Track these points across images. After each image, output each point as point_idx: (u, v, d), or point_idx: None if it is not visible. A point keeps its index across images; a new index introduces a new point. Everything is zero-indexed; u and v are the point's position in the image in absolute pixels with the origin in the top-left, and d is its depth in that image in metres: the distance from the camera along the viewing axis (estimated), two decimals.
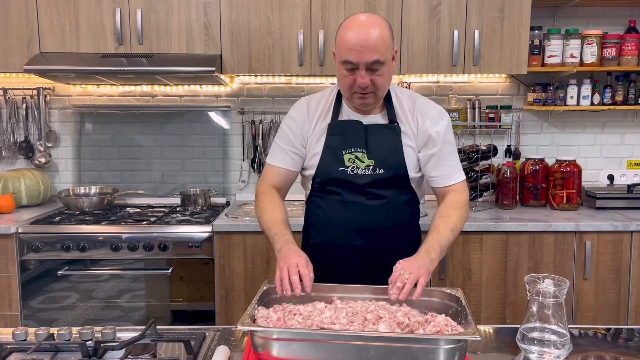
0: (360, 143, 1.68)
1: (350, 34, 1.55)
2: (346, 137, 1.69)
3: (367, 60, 1.54)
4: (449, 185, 1.72)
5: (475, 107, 3.12)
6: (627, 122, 3.21)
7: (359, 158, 1.68)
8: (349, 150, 1.68)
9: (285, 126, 1.77)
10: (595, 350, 1.37)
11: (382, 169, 1.67)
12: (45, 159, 3.16)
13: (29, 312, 2.61)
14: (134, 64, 2.70)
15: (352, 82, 1.59)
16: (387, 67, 1.60)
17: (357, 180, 1.67)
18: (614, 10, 3.09)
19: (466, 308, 1.31)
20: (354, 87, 1.60)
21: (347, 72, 1.59)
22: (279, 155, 1.77)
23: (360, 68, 1.56)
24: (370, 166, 1.67)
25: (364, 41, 1.53)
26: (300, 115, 1.76)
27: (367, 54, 1.53)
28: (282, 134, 1.78)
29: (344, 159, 1.68)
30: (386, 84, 1.65)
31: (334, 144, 1.69)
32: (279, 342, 1.19)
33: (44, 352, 1.26)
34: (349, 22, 1.60)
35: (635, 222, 2.60)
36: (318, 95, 1.80)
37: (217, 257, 2.61)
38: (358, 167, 1.67)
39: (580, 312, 2.64)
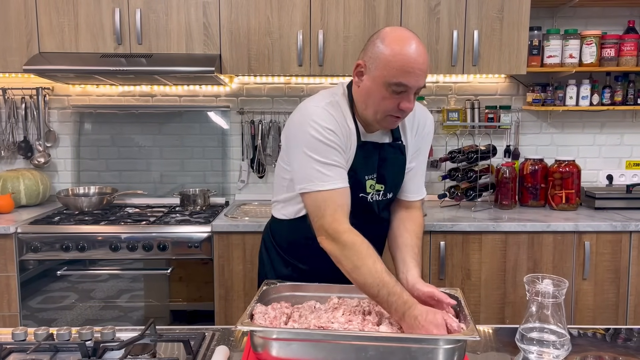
0: (375, 168, 1.55)
1: (408, 53, 1.37)
2: (367, 161, 1.53)
3: (420, 84, 1.41)
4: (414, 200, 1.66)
5: (475, 107, 3.12)
6: (626, 123, 3.21)
7: (375, 183, 1.57)
8: (371, 175, 1.55)
9: (323, 138, 1.42)
10: (594, 350, 1.38)
11: (391, 193, 1.61)
12: (44, 159, 3.16)
13: (28, 312, 2.61)
14: (133, 64, 2.70)
15: (395, 105, 1.41)
16: None
17: (373, 207, 1.58)
18: (613, 10, 3.09)
19: (465, 308, 1.31)
20: (394, 110, 1.43)
21: (392, 95, 1.40)
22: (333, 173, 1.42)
23: (411, 92, 1.41)
24: (381, 191, 1.58)
25: (422, 64, 1.39)
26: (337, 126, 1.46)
27: (422, 78, 1.41)
28: (320, 148, 1.42)
29: (365, 185, 1.54)
30: None
31: (357, 168, 1.51)
32: (278, 342, 1.19)
33: (44, 352, 1.26)
34: (399, 39, 1.39)
35: (634, 222, 2.60)
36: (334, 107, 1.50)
37: (217, 257, 2.61)
38: (376, 192, 1.57)
39: (579, 312, 2.64)
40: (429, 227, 2.58)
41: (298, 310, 1.36)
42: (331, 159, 1.43)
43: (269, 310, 1.33)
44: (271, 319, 1.30)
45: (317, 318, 1.30)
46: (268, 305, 1.39)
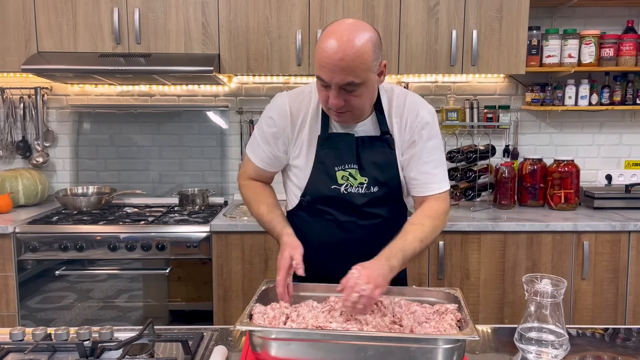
0: (352, 159, 1.54)
1: (325, 48, 1.36)
2: (338, 152, 1.54)
3: (338, 81, 1.37)
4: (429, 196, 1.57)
5: (474, 107, 3.12)
6: (625, 122, 3.21)
7: (352, 175, 1.54)
8: (342, 167, 1.54)
9: (265, 125, 1.60)
10: (592, 350, 1.38)
11: (376, 187, 1.55)
12: (42, 158, 3.16)
13: (26, 312, 2.60)
14: (132, 64, 2.70)
15: (326, 97, 1.44)
16: (367, 87, 1.42)
17: (351, 199, 1.55)
18: (612, 10, 3.09)
19: (465, 308, 1.31)
20: (328, 103, 1.44)
21: (321, 88, 1.44)
22: (258, 152, 1.64)
23: (333, 88, 1.39)
24: (364, 184, 1.54)
25: (338, 60, 1.34)
26: (282, 119, 1.57)
27: (339, 74, 1.36)
28: (261, 131, 1.62)
29: (336, 176, 1.54)
30: (365, 104, 1.47)
31: (325, 160, 1.55)
32: (277, 341, 1.19)
33: (42, 352, 1.26)
34: (329, 32, 1.39)
35: (633, 222, 2.60)
36: (299, 97, 1.59)
37: (215, 257, 2.60)
38: (351, 185, 1.54)
39: (578, 312, 2.64)
40: None
41: (296, 310, 1.35)
42: (262, 142, 1.62)
43: (268, 310, 1.32)
44: (270, 318, 1.29)
45: (314, 318, 1.30)
46: (267, 305, 1.39)
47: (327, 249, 1.58)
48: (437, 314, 1.33)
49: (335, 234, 1.58)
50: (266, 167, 1.66)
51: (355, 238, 1.58)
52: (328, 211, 1.57)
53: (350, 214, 1.57)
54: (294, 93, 1.61)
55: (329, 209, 1.57)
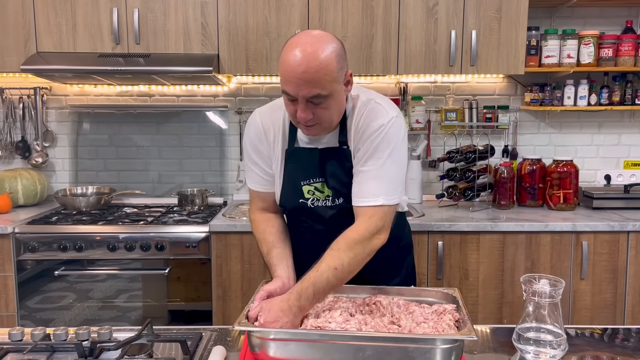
0: (316, 172, 1.53)
1: (287, 61, 1.34)
2: (302, 166, 1.54)
3: (305, 94, 1.35)
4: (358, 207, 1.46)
5: (473, 107, 3.12)
6: (624, 123, 3.21)
7: (319, 189, 1.54)
8: (307, 181, 1.54)
9: (248, 148, 1.62)
10: (591, 350, 1.38)
11: (341, 199, 1.52)
12: (42, 158, 3.16)
13: (25, 312, 2.60)
14: (131, 64, 2.70)
15: (294, 111, 1.40)
16: (334, 98, 1.39)
17: (318, 212, 1.55)
18: (611, 10, 3.10)
19: (463, 308, 1.31)
20: (296, 117, 1.41)
21: (288, 102, 1.41)
22: (253, 178, 1.64)
23: (300, 101, 1.37)
24: (330, 196, 1.53)
25: (302, 73, 1.32)
26: (258, 138, 1.58)
27: (305, 87, 1.33)
28: (247, 157, 1.63)
29: (302, 190, 1.55)
30: (333, 115, 1.44)
31: (292, 174, 1.56)
32: (275, 342, 1.19)
33: (40, 352, 1.26)
34: (291, 44, 1.36)
35: (632, 222, 2.60)
36: (269, 112, 1.60)
37: (214, 257, 2.60)
38: (318, 198, 1.54)
39: (577, 312, 2.64)
40: (427, 227, 2.58)
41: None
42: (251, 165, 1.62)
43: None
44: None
45: (314, 318, 1.30)
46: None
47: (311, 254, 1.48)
48: (435, 314, 1.34)
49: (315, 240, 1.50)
50: (265, 189, 1.63)
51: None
52: (304, 220, 1.60)
53: (325, 226, 1.56)
54: (265, 108, 1.63)
55: (304, 218, 1.60)
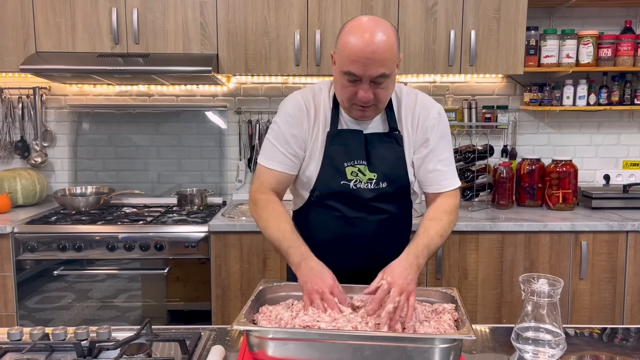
0: (361, 155, 1.56)
1: (355, 42, 1.39)
2: (347, 148, 1.56)
3: (372, 74, 1.40)
4: (443, 192, 1.60)
5: (472, 107, 3.12)
6: (623, 123, 3.22)
7: (362, 171, 1.55)
8: (352, 162, 1.55)
9: (283, 124, 1.58)
10: (590, 350, 1.38)
11: (385, 183, 1.56)
12: (41, 158, 3.16)
13: (25, 312, 2.60)
14: (131, 64, 2.70)
15: (353, 93, 1.45)
16: (392, 78, 1.46)
17: (359, 195, 1.56)
18: (609, 10, 3.10)
19: (461, 308, 1.31)
20: (354, 99, 1.46)
21: (348, 83, 1.44)
22: (276, 157, 1.58)
23: (364, 82, 1.42)
24: (373, 180, 1.56)
25: (371, 53, 1.38)
26: (299, 115, 1.58)
27: (372, 67, 1.39)
28: (278, 133, 1.58)
29: (346, 172, 1.55)
30: (389, 96, 1.52)
31: (334, 156, 1.56)
32: (274, 341, 1.19)
33: (39, 351, 1.26)
34: (353, 27, 1.42)
35: (631, 222, 2.60)
36: (311, 94, 1.61)
37: (214, 257, 2.60)
38: (361, 180, 1.56)
39: (575, 312, 2.65)
40: None
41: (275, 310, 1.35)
42: (280, 144, 1.57)
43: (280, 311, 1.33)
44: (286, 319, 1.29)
45: (299, 317, 1.29)
46: (263, 305, 1.39)
47: (335, 245, 1.59)
48: (434, 313, 1.34)
49: (343, 229, 1.59)
50: (287, 170, 1.59)
51: (363, 234, 1.59)
52: (336, 207, 1.59)
53: (359, 209, 1.58)
54: (306, 91, 1.63)
55: (338, 205, 1.58)
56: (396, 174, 1.58)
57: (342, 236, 1.60)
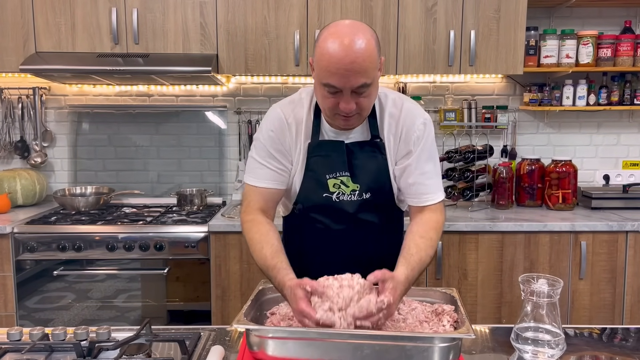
0: (343, 166, 1.51)
1: (332, 53, 1.30)
2: (328, 160, 1.51)
3: (352, 85, 1.32)
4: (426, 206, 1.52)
5: (472, 107, 3.13)
6: (622, 123, 3.22)
7: (344, 183, 1.51)
8: (334, 174, 1.51)
9: (265, 140, 1.53)
10: (590, 350, 1.38)
11: (368, 194, 1.52)
12: (41, 158, 3.16)
13: (24, 312, 2.60)
14: (130, 64, 2.70)
15: (334, 104, 1.38)
16: (375, 85, 1.39)
17: (343, 207, 1.52)
18: (609, 10, 3.10)
19: (461, 308, 1.31)
20: (336, 109, 1.39)
21: (328, 95, 1.37)
22: (262, 173, 1.52)
23: (345, 93, 1.34)
24: (356, 191, 1.51)
25: (350, 63, 1.29)
26: (280, 128, 1.53)
27: (353, 78, 1.31)
28: (261, 149, 1.53)
29: (328, 184, 1.51)
30: (372, 103, 1.45)
31: (316, 168, 1.51)
32: (274, 340, 1.19)
33: (39, 352, 1.26)
34: (331, 35, 1.33)
35: (631, 222, 2.60)
36: (291, 105, 1.56)
37: (213, 257, 2.60)
38: (344, 192, 1.51)
39: (575, 312, 2.65)
40: None
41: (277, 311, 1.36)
42: (265, 160, 1.52)
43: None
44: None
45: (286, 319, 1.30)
46: (264, 305, 1.39)
47: (322, 256, 1.56)
48: (434, 314, 1.34)
49: (328, 242, 1.56)
50: (275, 185, 1.53)
51: (350, 246, 1.56)
52: (320, 219, 1.55)
53: (343, 222, 1.54)
54: (286, 102, 1.58)
55: (321, 218, 1.55)
56: (380, 183, 1.53)
57: (327, 248, 1.56)
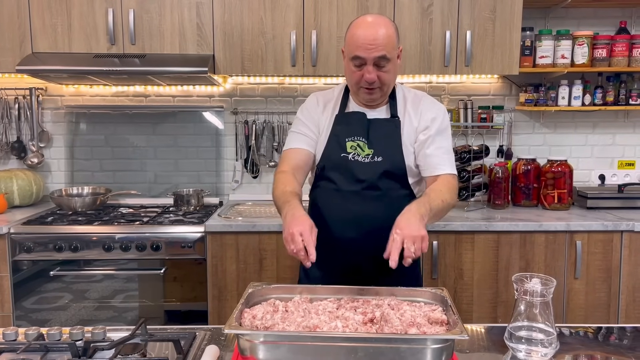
0: (362, 133, 1.77)
1: (359, 32, 1.68)
2: (350, 127, 1.79)
3: (374, 55, 1.66)
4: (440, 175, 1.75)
5: (468, 108, 3.13)
6: (618, 123, 3.23)
7: (360, 146, 1.76)
8: (352, 138, 1.77)
9: (300, 115, 1.87)
10: (584, 349, 1.39)
11: (380, 157, 1.74)
12: (37, 159, 3.16)
13: (21, 313, 2.60)
14: (127, 64, 2.70)
15: (359, 77, 1.71)
16: (393, 64, 1.71)
17: (356, 167, 1.75)
18: (604, 11, 3.11)
19: (452, 308, 1.31)
20: (361, 82, 1.71)
21: (355, 68, 1.71)
22: (295, 138, 1.84)
23: (368, 63, 1.68)
24: (370, 155, 1.75)
25: (373, 39, 1.65)
26: (313, 106, 1.87)
27: (374, 50, 1.65)
28: (297, 122, 1.88)
29: (346, 145, 1.77)
30: (392, 80, 1.76)
31: (338, 133, 1.79)
32: (265, 344, 1.18)
33: (34, 352, 1.27)
34: (359, 22, 1.72)
35: (626, 222, 2.62)
36: (327, 92, 1.92)
37: (210, 257, 2.61)
38: (359, 154, 1.76)
39: (570, 312, 2.66)
40: None
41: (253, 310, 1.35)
42: (297, 128, 1.86)
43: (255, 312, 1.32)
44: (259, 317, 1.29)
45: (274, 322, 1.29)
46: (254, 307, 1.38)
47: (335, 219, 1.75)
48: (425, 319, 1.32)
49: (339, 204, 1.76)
50: (304, 146, 1.82)
51: (358, 208, 1.74)
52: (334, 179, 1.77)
53: (354, 183, 1.74)
54: (322, 91, 1.94)
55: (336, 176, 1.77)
56: (392, 151, 1.76)
57: (339, 210, 1.75)
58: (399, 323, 1.25)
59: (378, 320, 1.29)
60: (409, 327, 1.25)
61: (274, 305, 1.36)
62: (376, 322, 1.29)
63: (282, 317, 1.29)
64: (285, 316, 1.30)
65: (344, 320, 1.27)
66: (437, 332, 1.24)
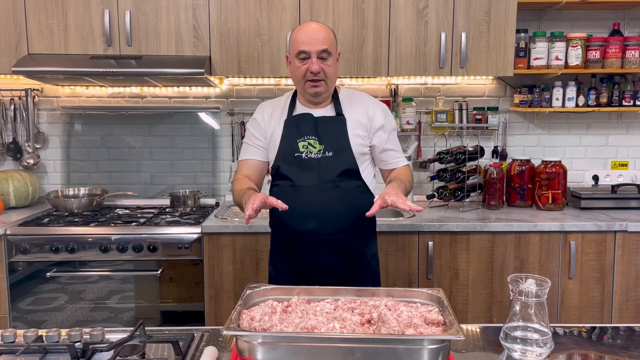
0: (311, 131, 1.93)
1: (303, 31, 1.90)
2: (299, 128, 1.94)
3: (317, 49, 1.86)
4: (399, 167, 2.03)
5: (463, 109, 3.15)
6: (611, 124, 3.26)
7: (312, 144, 1.92)
8: (302, 138, 1.92)
9: (250, 127, 2.05)
10: (578, 349, 1.40)
11: (331, 152, 1.91)
12: (33, 160, 3.15)
13: (17, 314, 2.60)
14: (123, 66, 2.70)
15: (305, 70, 1.88)
16: (334, 59, 1.92)
17: (310, 163, 1.90)
18: (598, 13, 3.13)
19: (448, 308, 1.32)
20: (307, 74, 1.88)
21: (300, 63, 1.88)
22: (247, 150, 2.04)
23: (312, 56, 1.86)
24: (321, 150, 1.91)
25: (315, 36, 1.87)
26: (259, 117, 2.03)
27: (317, 44, 1.86)
28: (247, 134, 2.06)
29: (298, 146, 1.92)
30: (334, 74, 1.94)
31: (289, 136, 1.94)
32: (264, 346, 1.19)
33: (33, 353, 1.27)
34: (301, 26, 1.96)
35: (619, 222, 2.64)
36: (275, 100, 2.09)
37: (207, 258, 2.62)
38: (311, 152, 1.91)
39: (565, 311, 2.68)
40: (417, 227, 2.61)
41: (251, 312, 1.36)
42: (249, 140, 2.04)
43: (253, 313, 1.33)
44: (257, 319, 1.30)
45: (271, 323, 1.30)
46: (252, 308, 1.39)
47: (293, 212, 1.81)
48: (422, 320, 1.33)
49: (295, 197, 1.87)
50: (256, 157, 2.01)
51: (313, 202, 1.88)
52: (289, 176, 1.92)
53: (309, 178, 1.89)
54: (272, 101, 2.11)
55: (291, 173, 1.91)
56: (341, 145, 1.92)
57: (296, 204, 1.83)
58: (396, 324, 1.27)
59: (375, 321, 1.30)
60: (406, 327, 1.26)
61: (271, 307, 1.36)
62: (373, 323, 1.30)
63: (280, 319, 1.30)
64: (283, 317, 1.31)
65: (341, 321, 1.28)
66: (433, 332, 1.25)
